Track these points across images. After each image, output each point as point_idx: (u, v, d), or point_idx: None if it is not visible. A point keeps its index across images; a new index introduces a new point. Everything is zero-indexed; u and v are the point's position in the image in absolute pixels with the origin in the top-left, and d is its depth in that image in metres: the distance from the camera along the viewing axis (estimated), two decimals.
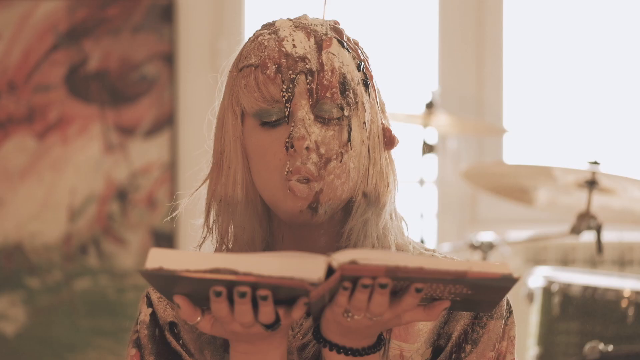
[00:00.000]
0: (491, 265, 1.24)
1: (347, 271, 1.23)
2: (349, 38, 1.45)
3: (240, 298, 1.24)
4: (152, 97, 4.07)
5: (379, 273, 1.23)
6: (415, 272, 1.22)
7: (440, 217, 4.06)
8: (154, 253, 1.24)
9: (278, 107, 1.40)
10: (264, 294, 1.23)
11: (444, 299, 1.28)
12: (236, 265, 1.23)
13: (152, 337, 1.48)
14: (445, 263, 1.23)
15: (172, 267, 1.23)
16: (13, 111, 4.10)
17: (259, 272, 1.22)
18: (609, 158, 3.46)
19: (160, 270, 1.23)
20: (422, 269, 1.22)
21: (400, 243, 1.49)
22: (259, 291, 1.24)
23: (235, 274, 1.22)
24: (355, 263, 1.22)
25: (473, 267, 1.22)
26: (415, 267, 1.22)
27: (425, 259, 1.23)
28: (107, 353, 4.06)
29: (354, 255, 1.23)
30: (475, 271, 1.22)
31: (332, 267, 1.24)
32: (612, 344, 2.67)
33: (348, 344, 1.32)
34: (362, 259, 1.22)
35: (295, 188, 1.39)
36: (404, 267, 1.22)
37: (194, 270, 1.22)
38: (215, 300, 1.25)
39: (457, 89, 4.04)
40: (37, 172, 4.10)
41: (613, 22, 4.05)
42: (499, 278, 1.23)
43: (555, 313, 2.94)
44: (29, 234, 4.10)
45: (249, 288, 1.23)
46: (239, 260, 1.23)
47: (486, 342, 1.45)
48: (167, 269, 1.23)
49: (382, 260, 1.22)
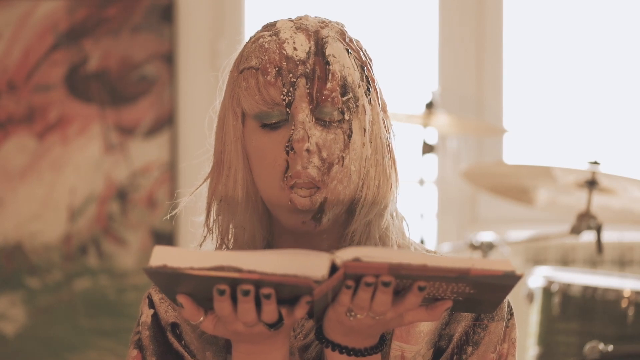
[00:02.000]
0: (494, 262, 1.24)
1: (350, 268, 1.23)
2: (351, 39, 1.44)
3: (244, 296, 1.24)
4: (152, 97, 4.07)
5: (382, 271, 1.23)
6: (418, 269, 1.22)
7: (440, 217, 4.06)
8: (158, 251, 1.24)
9: (278, 110, 1.40)
10: (267, 292, 1.23)
11: (446, 298, 1.28)
12: (240, 262, 1.22)
13: (154, 338, 1.48)
14: (448, 260, 1.23)
15: (176, 265, 1.23)
16: (13, 111, 4.10)
17: (262, 269, 1.22)
18: (609, 158, 3.46)
19: (164, 268, 1.23)
20: (425, 266, 1.22)
21: (401, 243, 1.49)
22: (262, 290, 1.24)
23: (239, 271, 1.22)
24: (359, 260, 1.22)
25: (476, 264, 1.23)
26: (418, 264, 1.22)
27: (428, 256, 1.24)
28: (107, 353, 4.06)
29: (357, 253, 1.23)
30: (479, 268, 1.22)
31: (335, 264, 1.24)
32: (612, 344, 2.67)
33: (350, 344, 1.32)
34: (365, 256, 1.22)
35: (297, 201, 1.39)
36: (407, 264, 1.22)
37: (198, 268, 1.22)
38: (218, 299, 1.25)
39: (457, 89, 4.04)
40: (37, 172, 4.10)
41: (613, 22, 4.05)
42: (502, 275, 1.23)
43: (555, 313, 2.94)
44: (29, 234, 4.10)
45: (252, 286, 1.23)
46: (243, 257, 1.23)
47: (487, 343, 1.45)
48: (171, 266, 1.23)
49: (386, 257, 1.22)
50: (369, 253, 1.23)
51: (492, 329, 1.45)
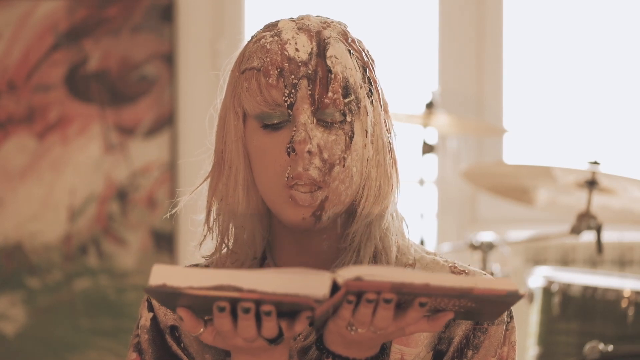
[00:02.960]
0: (497, 281, 1.23)
1: (352, 287, 1.22)
2: (353, 40, 1.43)
3: (244, 314, 1.23)
4: (152, 97, 4.07)
5: (384, 289, 1.22)
6: (421, 288, 1.22)
7: (440, 217, 4.06)
8: (158, 270, 1.23)
9: (280, 111, 1.39)
10: (268, 309, 1.23)
11: (447, 310, 1.27)
12: (240, 281, 1.21)
13: (153, 342, 1.48)
14: (451, 279, 1.22)
15: (176, 284, 1.22)
16: (13, 111, 4.10)
17: (263, 288, 1.21)
18: (609, 158, 3.46)
19: (163, 287, 1.22)
20: (428, 285, 1.21)
21: (401, 244, 1.48)
22: (262, 307, 1.23)
23: (239, 290, 1.21)
24: (361, 279, 1.21)
25: (479, 283, 1.22)
26: (421, 283, 1.21)
27: (431, 274, 1.23)
28: (107, 353, 4.06)
29: (359, 272, 1.22)
30: (481, 287, 1.22)
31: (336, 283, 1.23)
32: (612, 344, 2.67)
33: (351, 355, 1.32)
34: (367, 275, 1.21)
35: (298, 197, 1.38)
36: (409, 283, 1.21)
37: (197, 287, 1.21)
38: (218, 316, 1.24)
39: (457, 89, 4.04)
40: (37, 172, 4.10)
41: (613, 22, 4.05)
42: (505, 295, 1.23)
43: (555, 313, 2.94)
44: (29, 234, 4.10)
45: (253, 304, 1.23)
46: (243, 276, 1.22)
47: (487, 347, 1.45)
48: (171, 285, 1.22)
49: (388, 276, 1.21)
50: (371, 272, 1.22)
51: (492, 332, 1.45)
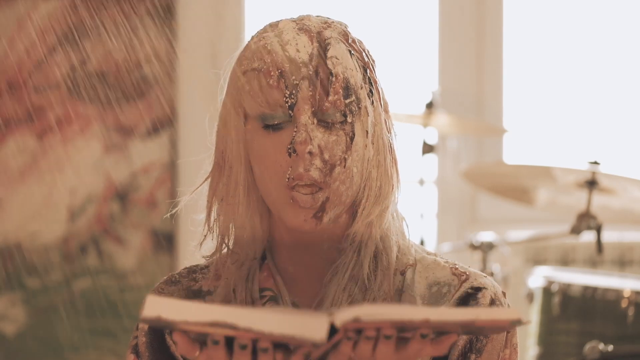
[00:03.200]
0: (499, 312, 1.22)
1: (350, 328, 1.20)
2: (354, 40, 1.43)
3: (241, 350, 1.22)
4: (152, 97, 4.07)
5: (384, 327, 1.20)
6: (421, 324, 1.20)
7: (440, 217, 4.06)
8: (152, 302, 1.21)
9: (281, 112, 1.39)
10: (265, 346, 1.21)
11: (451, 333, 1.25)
12: (236, 319, 1.20)
13: (150, 345, 1.47)
14: (451, 313, 1.21)
15: (171, 318, 1.20)
16: (13, 111, 4.10)
17: (259, 328, 1.19)
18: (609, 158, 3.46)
19: (158, 320, 1.20)
20: (427, 321, 1.19)
21: (402, 244, 1.48)
22: (259, 343, 1.21)
23: (234, 328, 1.20)
24: (359, 321, 1.19)
25: (481, 315, 1.19)
26: (420, 320, 1.19)
27: (430, 310, 1.21)
28: (107, 353, 4.06)
29: (357, 312, 1.19)
30: (484, 319, 1.19)
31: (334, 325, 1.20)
32: (612, 344, 2.66)
33: None
34: (365, 315, 1.19)
35: (299, 199, 1.38)
36: (409, 321, 1.19)
37: (192, 322, 1.20)
38: (212, 348, 1.23)
39: (457, 89, 4.04)
40: (37, 172, 4.10)
41: (613, 22, 4.05)
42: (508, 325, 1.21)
43: (555, 313, 2.94)
44: (28, 234, 4.10)
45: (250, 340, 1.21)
46: (239, 314, 1.20)
47: (490, 350, 1.45)
48: (166, 319, 1.20)
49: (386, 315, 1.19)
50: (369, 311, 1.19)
51: (495, 336, 1.45)
